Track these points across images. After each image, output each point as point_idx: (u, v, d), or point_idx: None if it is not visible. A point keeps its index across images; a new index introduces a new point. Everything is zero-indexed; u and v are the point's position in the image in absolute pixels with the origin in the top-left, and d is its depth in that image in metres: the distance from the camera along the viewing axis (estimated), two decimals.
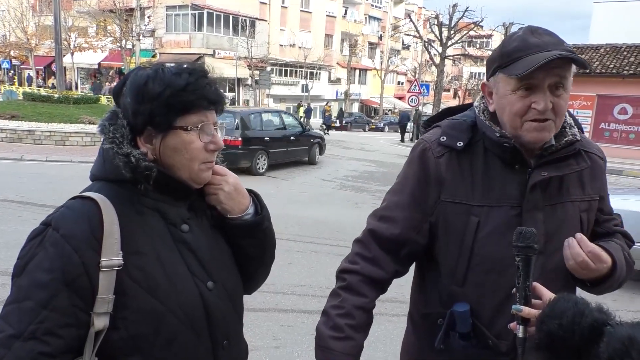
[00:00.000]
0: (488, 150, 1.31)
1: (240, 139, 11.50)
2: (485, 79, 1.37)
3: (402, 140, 25.37)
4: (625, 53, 21.05)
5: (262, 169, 12.13)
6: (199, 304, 1.10)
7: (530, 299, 1.10)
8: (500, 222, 1.27)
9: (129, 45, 29.98)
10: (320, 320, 1.34)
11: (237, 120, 11.71)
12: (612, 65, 20.31)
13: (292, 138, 13.30)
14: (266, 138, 12.20)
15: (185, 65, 1.11)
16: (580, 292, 1.37)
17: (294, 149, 13.49)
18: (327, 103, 32.61)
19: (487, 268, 1.27)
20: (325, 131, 26.22)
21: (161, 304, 1.04)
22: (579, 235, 1.22)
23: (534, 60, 1.16)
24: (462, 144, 1.31)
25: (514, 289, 1.11)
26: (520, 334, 1.09)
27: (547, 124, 1.23)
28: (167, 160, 1.09)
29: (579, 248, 1.20)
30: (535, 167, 1.29)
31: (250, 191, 1.26)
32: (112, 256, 1.00)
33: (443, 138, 1.33)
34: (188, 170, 1.11)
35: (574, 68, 1.23)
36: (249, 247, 1.24)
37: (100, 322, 1.00)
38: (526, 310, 1.07)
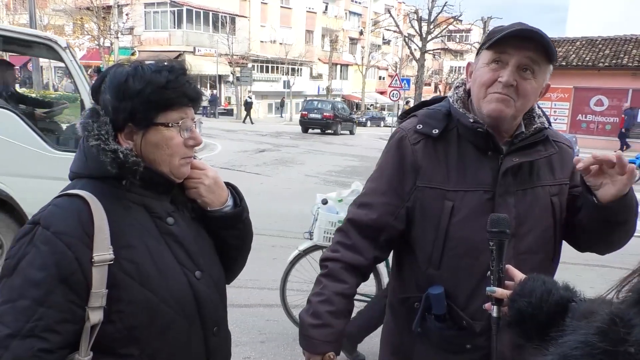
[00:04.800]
0: (462, 137, 1.36)
1: (333, 114, 23.78)
2: (463, 75, 1.44)
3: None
4: (600, 46, 21.45)
5: (339, 131, 24.26)
6: (189, 292, 1.13)
7: (504, 281, 1.15)
8: (474, 206, 1.31)
9: (107, 44, 29.52)
10: (303, 308, 1.39)
11: (330, 105, 24.77)
12: (588, 58, 20.70)
13: (346, 116, 25.85)
14: (338, 115, 24.30)
15: (165, 63, 1.13)
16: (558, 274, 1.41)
17: (348, 122, 25.66)
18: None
19: (462, 251, 1.31)
20: None
21: (154, 295, 1.07)
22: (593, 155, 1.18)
23: (505, 33, 1.24)
24: (437, 131, 1.36)
25: (489, 272, 1.16)
26: (494, 314, 1.14)
27: (507, 99, 1.28)
28: (148, 156, 1.12)
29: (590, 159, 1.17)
30: (507, 154, 1.34)
31: (228, 184, 1.29)
32: (103, 251, 1.02)
33: (419, 126, 1.39)
34: (169, 165, 1.13)
35: (550, 68, 1.30)
36: (230, 237, 1.27)
37: (95, 316, 1.01)
38: (499, 291, 1.13)
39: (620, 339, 0.56)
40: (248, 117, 28.83)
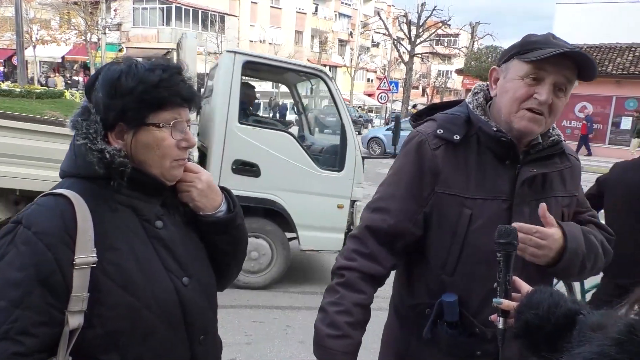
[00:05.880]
0: (481, 145, 1.35)
1: None
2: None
3: None
4: None
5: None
6: (174, 299, 1.09)
7: (510, 293, 1.14)
8: (492, 214, 1.30)
9: (95, 39, 29.21)
10: (317, 317, 1.34)
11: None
12: None
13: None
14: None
15: (160, 62, 1.10)
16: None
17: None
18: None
19: (478, 259, 1.30)
20: None
21: (137, 300, 1.03)
22: (517, 224, 1.23)
23: (551, 50, 1.23)
24: (458, 137, 1.34)
25: (495, 283, 1.15)
26: (500, 326, 1.12)
27: (540, 118, 1.28)
28: (138, 157, 1.09)
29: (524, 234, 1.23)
30: (524, 164, 1.34)
31: (222, 188, 1.25)
32: (86, 253, 0.98)
33: (440, 131, 1.36)
34: (160, 167, 1.10)
35: (576, 82, 1.30)
36: (222, 243, 1.24)
37: (75, 321, 0.98)
38: (506, 303, 1.11)
39: (638, 351, 0.55)
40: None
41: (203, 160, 4.54)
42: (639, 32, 20.93)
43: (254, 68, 4.97)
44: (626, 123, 20.68)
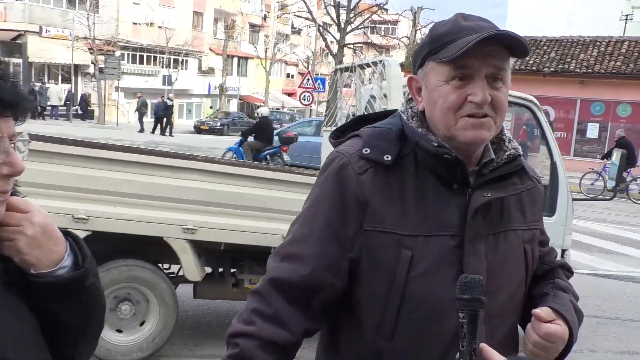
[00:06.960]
0: (420, 166, 1.35)
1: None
2: (411, 73, 1.43)
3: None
4: (545, 48, 23.51)
5: None
6: None
7: None
8: (438, 255, 1.30)
9: None
10: None
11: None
12: (531, 62, 22.50)
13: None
14: None
15: None
16: None
17: None
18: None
19: (423, 315, 1.29)
20: None
21: None
22: (536, 314, 1.30)
23: (467, 41, 1.24)
24: (390, 157, 1.33)
25: (458, 354, 1.10)
26: None
27: (486, 120, 1.30)
28: None
29: (534, 335, 1.29)
30: (476, 187, 1.35)
31: (67, 234, 1.15)
32: None
33: (366, 150, 1.35)
34: None
35: (511, 61, 1.35)
36: (65, 313, 1.13)
37: None
38: None
39: None
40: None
41: None
42: (602, 24, 22.90)
43: None
44: (592, 131, 22.41)
